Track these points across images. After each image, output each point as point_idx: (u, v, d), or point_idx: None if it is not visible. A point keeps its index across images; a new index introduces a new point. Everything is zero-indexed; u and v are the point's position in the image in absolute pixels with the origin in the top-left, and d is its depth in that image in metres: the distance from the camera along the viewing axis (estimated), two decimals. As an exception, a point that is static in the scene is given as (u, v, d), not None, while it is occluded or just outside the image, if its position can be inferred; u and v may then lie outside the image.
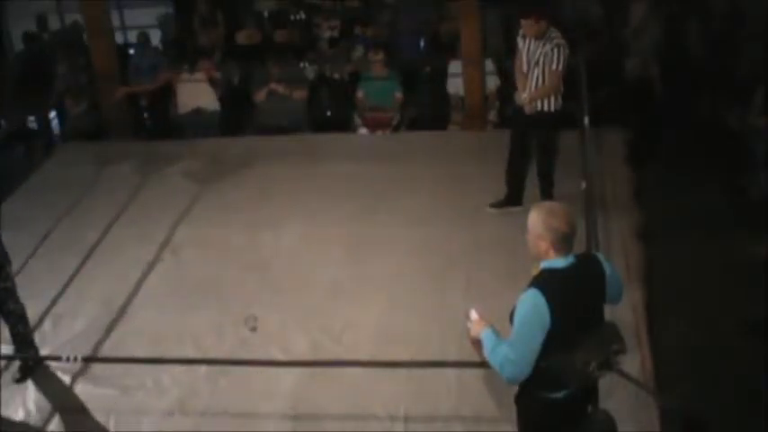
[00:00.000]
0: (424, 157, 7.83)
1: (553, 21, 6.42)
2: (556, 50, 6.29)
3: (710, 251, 6.35)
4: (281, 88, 8.82)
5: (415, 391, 4.96)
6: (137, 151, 8.53)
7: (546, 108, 6.48)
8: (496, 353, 3.51)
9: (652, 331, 5.28)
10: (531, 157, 6.70)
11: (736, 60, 8.45)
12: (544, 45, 6.31)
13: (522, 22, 6.37)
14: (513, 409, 3.85)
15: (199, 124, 8.94)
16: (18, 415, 5.09)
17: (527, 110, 6.50)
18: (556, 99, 6.47)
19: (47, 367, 5.43)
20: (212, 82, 8.93)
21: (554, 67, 6.32)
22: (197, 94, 8.89)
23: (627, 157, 7.50)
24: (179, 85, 8.91)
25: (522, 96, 6.50)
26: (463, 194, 7.08)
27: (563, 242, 3.53)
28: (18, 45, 10.25)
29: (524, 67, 6.48)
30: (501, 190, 6.76)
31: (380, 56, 8.74)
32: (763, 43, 7.92)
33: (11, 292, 5.25)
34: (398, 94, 8.80)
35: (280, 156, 8.08)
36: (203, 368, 5.31)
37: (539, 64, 6.36)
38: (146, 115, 9.69)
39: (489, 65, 8.69)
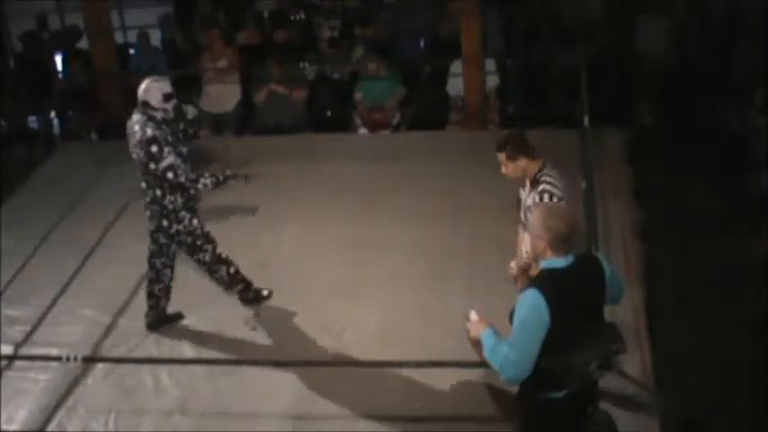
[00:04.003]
0: (423, 157, 7.83)
1: (533, 156, 4.61)
2: (538, 198, 4.45)
3: (710, 251, 6.36)
4: (281, 88, 8.82)
5: (414, 391, 4.96)
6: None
7: None
8: (496, 353, 3.51)
9: (652, 331, 5.27)
10: None
11: (736, 60, 8.47)
12: (531, 193, 4.54)
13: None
14: (514, 409, 3.85)
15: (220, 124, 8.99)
16: (19, 415, 5.09)
17: (519, 283, 4.58)
18: None
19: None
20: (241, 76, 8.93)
21: None
22: (225, 95, 8.89)
23: (627, 156, 7.50)
24: (209, 87, 8.90)
25: (510, 266, 4.78)
26: (463, 194, 7.09)
27: (561, 242, 3.53)
28: (18, 45, 10.26)
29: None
30: (500, 189, 6.75)
31: (374, 62, 8.74)
32: (763, 43, 7.93)
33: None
34: (400, 90, 8.79)
35: (280, 156, 8.08)
36: (203, 368, 5.31)
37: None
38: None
39: (490, 65, 8.70)
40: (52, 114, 9.86)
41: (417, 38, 9.71)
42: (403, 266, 6.20)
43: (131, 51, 10.20)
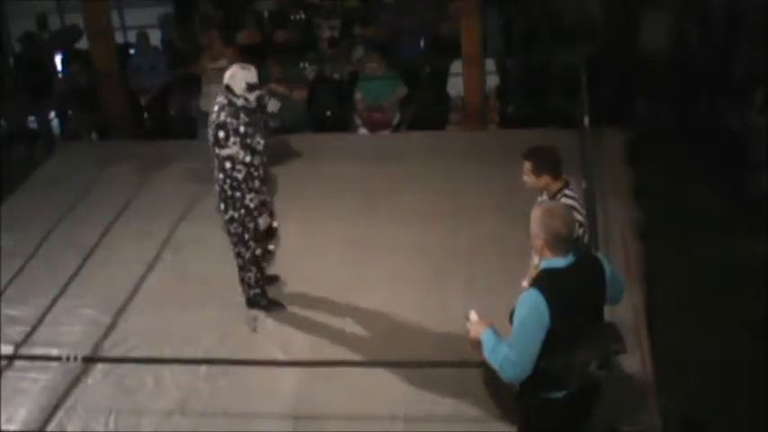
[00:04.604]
0: (423, 157, 7.82)
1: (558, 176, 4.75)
2: None
3: (710, 251, 6.36)
4: (281, 88, 8.82)
5: (415, 391, 4.96)
6: (137, 151, 8.52)
7: None
8: (496, 353, 3.52)
9: (652, 331, 5.28)
10: None
11: (736, 60, 8.47)
12: None
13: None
14: (514, 409, 3.85)
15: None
16: (19, 415, 5.09)
17: None
18: None
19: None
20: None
21: None
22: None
23: (627, 156, 7.50)
24: (209, 87, 8.91)
25: (523, 284, 4.62)
26: (463, 194, 7.08)
27: (558, 242, 3.53)
28: (17, 45, 10.27)
29: None
30: (500, 190, 6.77)
31: (374, 61, 8.74)
32: (763, 43, 7.94)
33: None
34: (401, 89, 8.79)
35: (280, 156, 8.07)
36: (203, 368, 5.31)
37: None
38: (146, 115, 9.71)
39: (490, 65, 8.70)
40: (52, 114, 9.86)
41: (417, 38, 9.71)
42: (403, 266, 6.20)
43: (131, 51, 10.21)
